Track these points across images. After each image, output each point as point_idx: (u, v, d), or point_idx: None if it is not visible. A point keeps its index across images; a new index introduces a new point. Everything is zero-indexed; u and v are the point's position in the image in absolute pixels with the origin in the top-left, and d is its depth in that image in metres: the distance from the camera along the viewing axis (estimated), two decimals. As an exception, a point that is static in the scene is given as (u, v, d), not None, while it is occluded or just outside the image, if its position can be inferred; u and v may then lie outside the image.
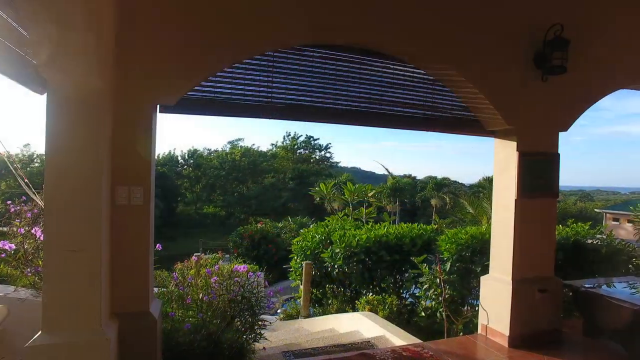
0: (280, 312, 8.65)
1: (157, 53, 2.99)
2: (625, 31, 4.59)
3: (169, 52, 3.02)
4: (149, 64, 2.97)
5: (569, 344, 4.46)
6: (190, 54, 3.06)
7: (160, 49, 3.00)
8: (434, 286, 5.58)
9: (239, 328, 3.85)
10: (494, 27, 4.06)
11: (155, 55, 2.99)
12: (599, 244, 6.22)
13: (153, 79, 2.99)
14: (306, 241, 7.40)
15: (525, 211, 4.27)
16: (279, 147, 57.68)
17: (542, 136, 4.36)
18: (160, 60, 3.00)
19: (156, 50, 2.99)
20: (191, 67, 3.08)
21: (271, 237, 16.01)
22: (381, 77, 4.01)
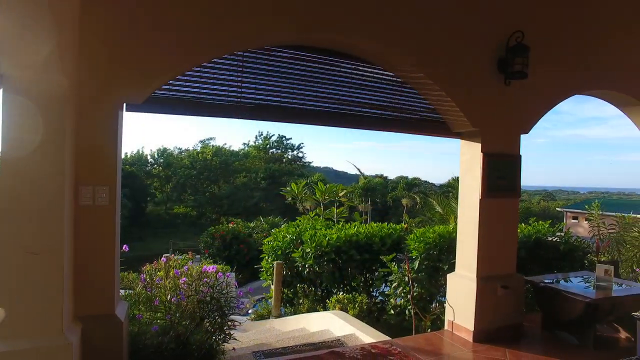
0: (251, 312, 8.60)
1: (123, 50, 2.93)
2: (578, 40, 4.83)
3: (136, 49, 2.96)
4: (114, 61, 2.90)
5: (529, 337, 4.65)
6: (157, 52, 3.02)
7: (127, 47, 2.94)
8: (403, 284, 5.69)
9: (208, 329, 3.82)
10: (461, 32, 4.18)
11: (122, 53, 2.92)
12: (557, 241, 6.51)
13: (119, 77, 2.92)
14: (277, 241, 7.39)
15: (489, 210, 4.43)
16: (251, 146, 57.21)
17: (505, 138, 4.53)
18: (127, 57, 2.94)
19: (122, 48, 2.92)
20: (159, 66, 3.03)
21: (243, 237, 15.88)
22: (350, 79, 4.07)
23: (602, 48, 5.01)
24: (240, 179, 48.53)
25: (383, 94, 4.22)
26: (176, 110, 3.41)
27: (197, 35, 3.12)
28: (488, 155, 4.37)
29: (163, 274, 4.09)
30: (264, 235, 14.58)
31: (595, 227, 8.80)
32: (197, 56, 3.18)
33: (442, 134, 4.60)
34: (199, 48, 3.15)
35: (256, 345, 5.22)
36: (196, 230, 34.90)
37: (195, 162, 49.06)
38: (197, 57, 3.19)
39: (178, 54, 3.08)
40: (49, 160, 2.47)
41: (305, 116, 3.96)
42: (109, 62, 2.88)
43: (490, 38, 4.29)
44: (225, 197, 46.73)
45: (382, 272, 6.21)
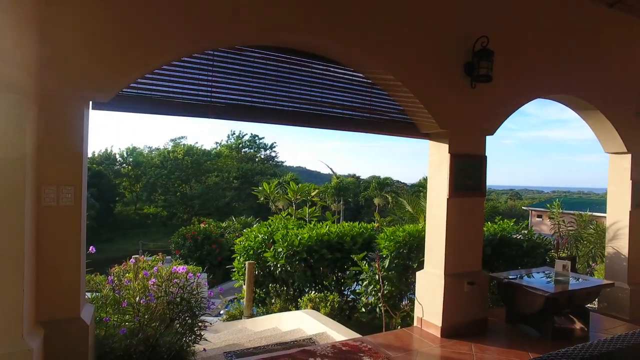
0: (223, 313, 8.53)
1: (89, 47, 2.85)
2: (539, 47, 5.05)
3: (103, 46, 2.89)
4: (80, 58, 2.82)
5: (494, 331, 4.82)
6: (125, 50, 2.96)
7: (92, 43, 2.86)
8: (374, 283, 5.78)
9: (178, 330, 3.77)
10: (429, 36, 4.28)
11: (88, 49, 2.85)
12: (521, 239, 6.77)
13: (84, 74, 2.84)
14: (249, 241, 7.36)
15: (456, 209, 4.57)
16: (224, 145, 56.49)
17: (472, 139, 4.67)
18: (93, 54, 2.86)
19: (88, 44, 2.85)
20: (126, 64, 2.97)
21: (215, 238, 15.68)
22: (321, 79, 4.11)
23: (562, 55, 5.26)
24: (212, 179, 47.83)
25: (353, 94, 4.28)
26: (145, 109, 3.36)
27: (165, 33, 3.07)
28: (455, 156, 4.51)
29: (132, 276, 4.01)
30: (236, 235, 14.46)
31: (556, 225, 9.22)
32: (165, 55, 3.14)
33: (411, 134, 4.71)
34: (168, 46, 3.10)
35: (228, 345, 5.19)
36: (167, 231, 34.20)
37: (166, 161, 48.00)
38: (165, 55, 3.15)
39: (146, 52, 3.03)
40: (8, 159, 2.38)
41: (277, 116, 3.97)
42: (74, 59, 2.80)
43: (457, 42, 4.42)
44: (197, 197, 45.96)
45: (353, 270, 6.29)
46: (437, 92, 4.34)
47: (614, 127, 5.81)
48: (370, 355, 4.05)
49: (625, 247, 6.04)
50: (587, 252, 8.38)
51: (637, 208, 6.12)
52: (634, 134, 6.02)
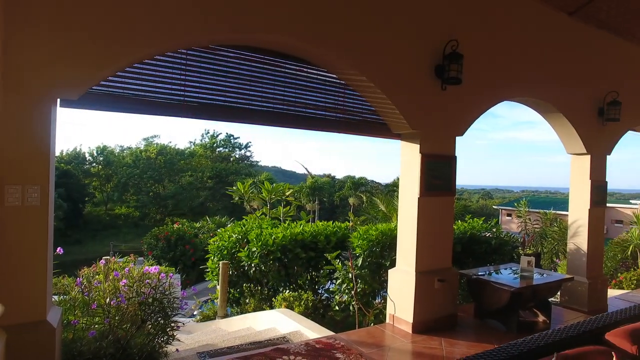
0: (196, 314, 8.43)
1: (57, 43, 2.78)
2: (506, 51, 5.24)
3: (71, 43, 2.83)
4: (47, 54, 2.75)
5: (463, 326, 4.98)
6: (94, 47, 2.90)
7: (60, 40, 2.80)
8: (347, 281, 5.85)
9: (150, 331, 3.73)
10: (402, 39, 4.37)
11: (55, 46, 2.78)
12: (490, 236, 6.99)
13: (52, 72, 2.78)
14: (223, 241, 7.31)
15: (427, 208, 4.68)
16: (198, 145, 55.59)
17: (442, 140, 4.80)
18: (61, 51, 2.80)
19: (56, 40, 2.78)
20: (96, 61, 2.92)
21: (188, 238, 15.41)
22: (295, 80, 4.14)
23: (527, 60, 5.47)
24: (186, 178, 47.02)
25: (326, 95, 4.33)
26: (116, 107, 3.31)
27: (136, 30, 3.03)
28: (426, 156, 4.62)
29: (102, 277, 3.94)
30: (210, 235, 14.28)
31: (523, 223, 9.57)
32: (137, 53, 3.10)
33: (384, 135, 4.80)
34: (139, 44, 3.07)
35: (201, 346, 5.16)
36: (139, 232, 33.41)
37: (138, 160, 46.86)
38: (137, 53, 3.11)
39: (117, 49, 2.98)
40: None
41: (251, 116, 3.98)
42: (40, 55, 2.74)
43: (428, 45, 4.53)
44: (170, 196, 45.09)
45: (327, 269, 6.34)
46: (408, 93, 4.43)
47: (575, 130, 6.09)
48: (343, 351, 4.12)
49: (585, 244, 6.34)
50: (551, 248, 8.74)
51: (595, 206, 6.43)
52: (593, 136, 6.32)
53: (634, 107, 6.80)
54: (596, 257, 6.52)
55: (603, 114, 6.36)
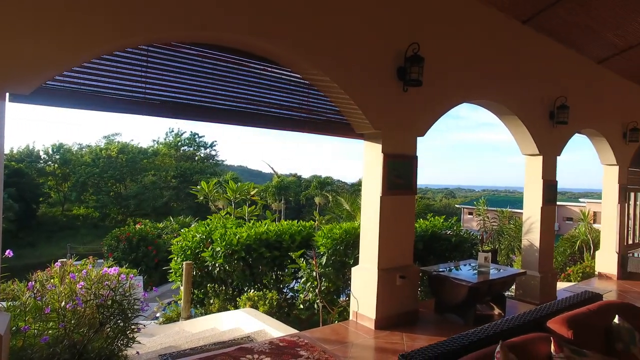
0: (159, 316, 8.24)
1: (6, 34, 2.66)
2: (464, 55, 5.45)
3: (22, 35, 2.71)
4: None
5: (424, 321, 5.14)
6: (48, 39, 2.79)
7: (10, 30, 2.67)
8: (311, 279, 5.90)
9: (109, 334, 3.64)
10: (365, 40, 4.46)
11: (4, 37, 2.65)
12: (450, 234, 7.23)
13: (0, 64, 2.66)
14: (186, 241, 7.19)
15: (388, 207, 4.80)
16: (161, 143, 54.06)
17: (404, 140, 4.93)
18: (10, 43, 2.68)
19: (5, 31, 2.65)
20: (49, 55, 2.80)
21: (151, 239, 15.03)
22: (260, 79, 4.15)
23: (484, 65, 5.71)
24: (149, 178, 45.62)
25: (291, 95, 4.36)
26: (72, 103, 3.21)
27: (96, 24, 2.92)
28: (388, 156, 4.74)
29: (57, 281, 3.79)
30: (174, 235, 13.99)
31: (482, 221, 9.97)
32: (95, 47, 2.99)
33: (347, 135, 4.88)
34: (96, 39, 2.96)
35: (164, 348, 5.07)
36: (99, 233, 32.18)
37: (98, 159, 45.03)
38: (94, 49, 3.00)
39: (73, 44, 2.86)
40: None
41: (215, 115, 3.95)
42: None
43: (390, 48, 4.64)
44: (132, 196, 43.64)
45: (291, 268, 6.37)
46: (371, 94, 4.53)
47: (529, 132, 6.40)
48: (307, 349, 4.16)
49: (537, 240, 6.68)
50: (508, 244, 9.17)
51: (547, 205, 6.79)
52: (544, 138, 6.68)
53: (580, 112, 7.25)
54: (547, 253, 6.89)
55: (554, 117, 6.73)
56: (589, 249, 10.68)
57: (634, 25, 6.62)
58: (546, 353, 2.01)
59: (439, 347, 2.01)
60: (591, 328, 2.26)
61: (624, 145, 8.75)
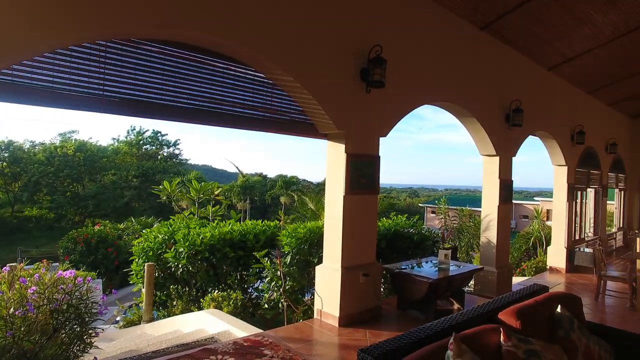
0: (120, 320, 8.00)
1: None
2: (424, 59, 5.62)
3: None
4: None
5: (387, 317, 5.26)
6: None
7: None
8: (276, 279, 5.91)
9: (64, 341, 3.50)
10: (328, 41, 4.51)
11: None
12: (412, 232, 7.43)
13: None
14: (148, 242, 7.01)
15: (352, 206, 4.88)
16: (122, 142, 52.19)
17: (366, 140, 5.03)
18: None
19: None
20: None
21: (111, 240, 14.53)
22: (223, 78, 4.12)
23: (445, 68, 5.91)
24: (109, 177, 43.99)
25: (255, 94, 4.36)
26: (21, 99, 3.07)
27: (50, 16, 2.79)
28: (351, 156, 4.82)
29: (5, 287, 3.61)
30: (135, 237, 13.60)
31: (442, 220, 10.30)
32: (46, 41, 2.86)
33: (311, 135, 4.92)
34: (52, 32, 2.84)
35: (124, 352, 4.94)
36: (54, 235, 30.72)
37: (52, 157, 42.91)
38: (47, 42, 2.87)
39: (23, 37, 2.74)
40: None
41: (177, 113, 3.89)
42: None
43: (354, 49, 4.72)
44: (91, 196, 41.92)
45: (256, 268, 6.36)
46: (334, 94, 4.59)
47: (487, 133, 6.68)
48: (271, 348, 4.18)
49: (495, 237, 6.98)
50: (467, 242, 9.53)
51: (504, 203, 7.11)
52: (501, 139, 6.98)
53: (533, 115, 7.64)
54: (504, 249, 7.21)
55: (509, 119, 7.06)
56: (542, 244, 11.25)
57: (579, 37, 7.07)
58: (496, 343, 2.12)
59: (397, 340, 2.09)
60: (537, 318, 2.41)
61: (572, 147, 9.30)
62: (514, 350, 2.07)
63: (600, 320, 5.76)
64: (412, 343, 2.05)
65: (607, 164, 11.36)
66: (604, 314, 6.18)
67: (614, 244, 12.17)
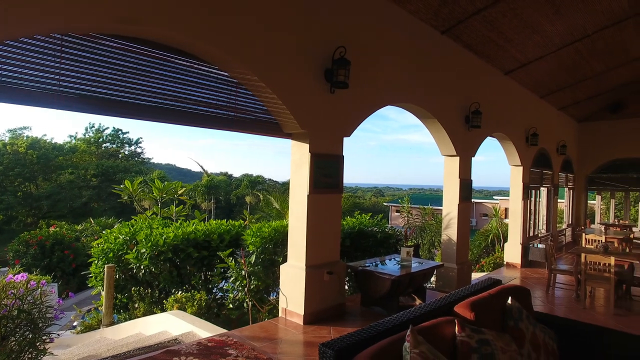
0: (77, 324, 7.71)
1: None
2: (388, 61, 5.76)
3: None
4: None
5: (351, 314, 5.35)
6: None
7: None
8: (241, 278, 5.89)
9: (13, 348, 3.36)
10: (294, 41, 4.54)
11: None
12: (376, 230, 7.58)
13: None
14: (108, 243, 6.80)
15: (316, 205, 4.94)
16: (80, 139, 49.93)
17: (330, 140, 5.10)
18: None
19: None
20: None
21: (68, 242, 13.89)
22: (187, 76, 4.06)
23: (408, 70, 6.07)
24: (66, 176, 42.00)
25: (219, 93, 4.32)
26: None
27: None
28: (315, 155, 4.87)
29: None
30: (94, 238, 13.10)
31: (405, 218, 10.57)
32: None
33: (276, 134, 4.94)
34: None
35: (81, 359, 4.80)
36: (3, 238, 29.05)
37: (1, 155, 40.56)
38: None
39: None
40: None
41: (137, 111, 3.81)
42: None
43: (318, 50, 4.77)
44: (46, 197, 39.91)
45: (220, 268, 6.31)
46: (299, 94, 4.63)
47: (447, 134, 6.91)
48: (236, 347, 4.17)
49: (455, 234, 7.24)
50: (430, 239, 9.83)
51: (463, 202, 7.38)
52: (461, 140, 7.25)
53: (491, 117, 7.97)
54: (464, 246, 7.49)
55: (469, 121, 7.33)
56: (499, 241, 11.76)
57: (532, 44, 7.47)
58: (451, 334, 2.23)
59: (357, 334, 2.16)
60: (490, 309, 2.55)
61: (526, 148, 9.77)
62: (468, 340, 2.19)
63: (550, 310, 6.11)
64: (372, 336, 2.12)
65: (558, 164, 12.02)
66: (554, 305, 6.55)
67: (564, 239, 12.90)
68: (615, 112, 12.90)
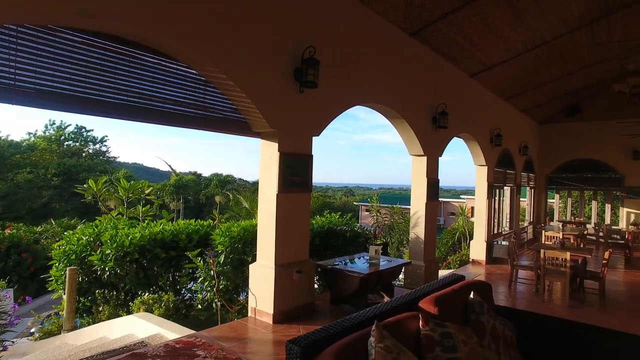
0: (35, 331, 7.39)
1: None
2: (357, 62, 5.83)
3: None
4: None
5: (320, 313, 5.39)
6: None
7: None
8: (209, 278, 5.82)
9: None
10: (263, 40, 4.53)
11: None
12: (345, 229, 7.65)
13: None
14: (71, 244, 6.56)
15: (285, 204, 4.95)
16: (39, 137, 47.71)
17: (299, 139, 5.12)
18: None
19: None
20: None
21: (26, 245, 13.29)
22: (153, 73, 3.99)
23: (376, 71, 6.17)
24: (24, 176, 40.11)
25: (187, 91, 4.26)
26: None
27: None
28: (284, 154, 4.88)
29: None
30: (55, 240, 12.59)
31: (374, 217, 10.72)
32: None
33: (245, 133, 4.91)
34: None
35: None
36: (-47, 242, 27.39)
37: (-49, 153, 38.32)
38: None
39: None
40: None
41: (102, 108, 3.70)
42: None
43: (288, 49, 4.78)
44: (1, 197, 38.03)
45: (188, 268, 6.21)
46: (268, 93, 4.62)
47: (415, 134, 7.06)
48: (205, 348, 4.13)
49: (422, 233, 7.41)
50: (398, 238, 10.02)
51: (431, 200, 7.56)
52: (428, 140, 7.42)
53: (457, 118, 8.21)
54: (431, 244, 7.67)
55: (436, 122, 7.52)
56: (466, 239, 12.11)
57: (496, 48, 7.75)
58: (416, 328, 2.30)
59: (324, 330, 2.19)
60: (453, 304, 2.64)
61: (491, 149, 10.11)
62: (431, 333, 2.26)
63: (512, 304, 6.37)
64: (339, 332, 2.16)
65: (520, 164, 12.50)
66: (515, 299, 6.83)
67: (526, 236, 13.43)
68: (571, 116, 13.57)
